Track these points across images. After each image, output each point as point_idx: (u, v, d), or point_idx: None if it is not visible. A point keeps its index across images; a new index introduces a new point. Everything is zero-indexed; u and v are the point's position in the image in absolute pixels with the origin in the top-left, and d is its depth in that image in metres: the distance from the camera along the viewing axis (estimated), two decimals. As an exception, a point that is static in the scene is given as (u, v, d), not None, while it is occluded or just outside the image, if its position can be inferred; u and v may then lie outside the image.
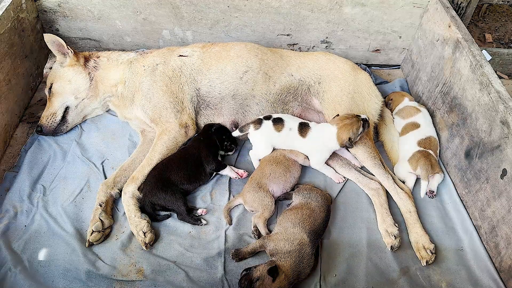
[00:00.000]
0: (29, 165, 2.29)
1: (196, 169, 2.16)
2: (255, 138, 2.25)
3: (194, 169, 2.16)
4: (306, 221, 1.88)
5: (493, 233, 1.92)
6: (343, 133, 2.11)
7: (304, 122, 2.27)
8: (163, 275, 1.84)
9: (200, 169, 2.17)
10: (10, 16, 2.46)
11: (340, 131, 2.12)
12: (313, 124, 2.26)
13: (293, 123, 2.24)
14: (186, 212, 2.03)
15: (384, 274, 1.89)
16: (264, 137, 2.22)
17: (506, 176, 1.85)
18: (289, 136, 2.21)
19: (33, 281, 1.78)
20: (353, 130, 2.11)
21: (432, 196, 2.20)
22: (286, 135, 2.21)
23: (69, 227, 2.00)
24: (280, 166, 2.15)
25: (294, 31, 2.95)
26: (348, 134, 2.10)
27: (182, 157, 2.19)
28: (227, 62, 2.40)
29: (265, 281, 1.65)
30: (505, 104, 1.90)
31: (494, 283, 1.85)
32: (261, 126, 2.21)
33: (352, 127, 2.11)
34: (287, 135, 2.21)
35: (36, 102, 2.76)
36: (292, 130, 2.22)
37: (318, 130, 2.21)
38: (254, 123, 2.24)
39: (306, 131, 2.21)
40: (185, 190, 2.14)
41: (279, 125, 2.21)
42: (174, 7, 2.81)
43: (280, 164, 2.16)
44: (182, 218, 2.05)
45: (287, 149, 2.25)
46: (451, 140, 2.31)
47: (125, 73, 2.42)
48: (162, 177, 2.09)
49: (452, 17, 2.49)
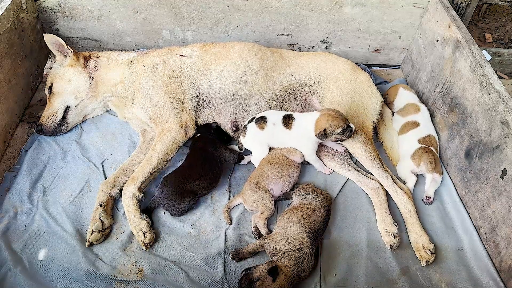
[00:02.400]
0: (29, 165, 2.29)
1: (217, 169, 2.16)
2: (247, 145, 2.27)
3: (215, 170, 2.15)
4: (306, 221, 1.88)
5: (493, 233, 1.92)
6: (322, 121, 2.06)
7: (288, 114, 2.23)
8: (163, 275, 1.84)
9: (219, 168, 2.17)
10: (10, 16, 2.46)
11: (320, 118, 2.07)
12: (297, 114, 2.23)
13: (276, 117, 2.22)
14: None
15: (384, 274, 1.89)
16: (253, 140, 2.22)
17: (506, 176, 1.85)
18: (275, 131, 2.19)
19: (33, 281, 1.78)
20: (333, 124, 2.03)
21: (429, 202, 2.19)
22: (271, 130, 2.19)
23: (69, 227, 2.00)
24: (278, 166, 2.15)
25: (294, 31, 2.95)
26: (325, 124, 2.03)
27: (203, 161, 2.14)
28: (227, 62, 2.40)
29: (265, 281, 1.65)
30: (505, 104, 1.90)
31: (494, 283, 1.85)
32: (246, 131, 2.23)
33: (333, 120, 2.03)
34: (272, 130, 2.19)
35: (36, 102, 2.77)
36: (276, 124, 2.20)
37: (302, 118, 2.18)
38: (242, 133, 2.27)
39: (291, 123, 2.19)
40: (202, 195, 2.15)
41: (261, 123, 2.20)
42: (174, 7, 2.81)
43: (279, 164, 2.16)
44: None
45: (284, 149, 2.25)
46: (451, 140, 2.31)
47: (125, 73, 2.42)
48: (182, 188, 2.04)
49: (452, 17, 2.49)
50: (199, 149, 2.20)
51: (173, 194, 2.02)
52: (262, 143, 2.23)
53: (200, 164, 2.13)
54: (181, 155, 2.40)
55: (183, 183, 2.05)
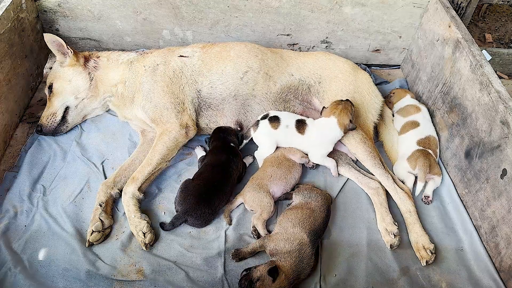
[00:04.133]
0: (29, 165, 2.29)
1: (233, 181, 2.15)
2: (257, 139, 2.31)
3: (233, 182, 2.14)
4: (306, 221, 1.88)
5: (493, 233, 1.92)
6: (343, 118, 2.18)
7: (300, 119, 2.29)
8: (163, 275, 1.84)
9: (234, 180, 2.16)
10: (10, 16, 2.46)
11: (340, 118, 2.18)
12: (309, 121, 2.29)
13: (289, 120, 2.27)
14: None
15: (384, 274, 1.89)
16: (264, 136, 2.26)
17: (506, 176, 1.85)
18: (287, 133, 2.24)
19: (33, 281, 1.78)
20: (350, 111, 2.20)
21: (428, 202, 2.19)
22: (284, 132, 2.24)
23: (69, 227, 2.00)
24: (281, 167, 2.16)
25: (294, 31, 2.95)
26: (348, 117, 2.18)
27: (224, 174, 2.10)
28: (227, 62, 2.40)
29: (265, 282, 1.65)
30: (505, 104, 1.90)
31: (494, 283, 1.85)
32: (258, 126, 2.27)
33: (347, 110, 2.20)
34: (285, 132, 2.24)
35: (36, 102, 2.76)
36: (289, 127, 2.25)
37: (316, 126, 2.24)
38: (253, 126, 2.31)
39: (304, 129, 2.24)
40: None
41: (275, 123, 2.25)
42: (174, 7, 2.80)
43: (282, 166, 2.17)
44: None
45: (286, 149, 2.26)
46: (451, 140, 2.31)
47: (125, 73, 2.42)
48: (212, 205, 2.01)
49: (452, 17, 2.49)
50: (226, 164, 2.14)
51: (210, 214, 2.00)
52: (272, 141, 2.26)
53: (223, 177, 2.09)
54: (181, 155, 2.41)
55: (213, 200, 2.01)
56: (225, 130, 2.33)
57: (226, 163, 2.13)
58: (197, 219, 1.98)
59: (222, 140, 2.27)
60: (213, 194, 2.02)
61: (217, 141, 2.27)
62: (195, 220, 1.98)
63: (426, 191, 2.21)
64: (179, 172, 2.31)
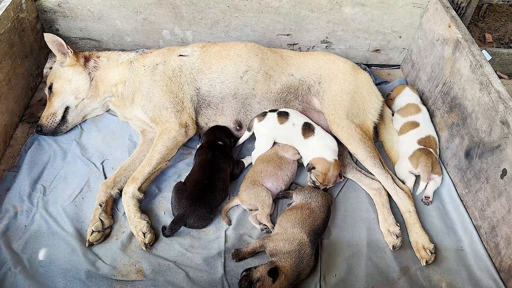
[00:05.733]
0: (29, 165, 2.29)
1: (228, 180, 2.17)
2: (258, 130, 2.28)
3: (228, 181, 2.17)
4: (306, 222, 1.88)
5: (493, 233, 1.92)
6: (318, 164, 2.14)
7: (309, 123, 2.28)
8: (163, 275, 1.84)
9: (228, 178, 2.18)
10: (10, 16, 2.46)
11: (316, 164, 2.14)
12: (318, 130, 2.26)
13: (297, 120, 2.27)
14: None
15: (384, 274, 1.89)
16: (266, 128, 2.25)
17: (506, 176, 1.85)
18: (291, 131, 2.24)
19: (33, 281, 1.78)
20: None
21: (428, 203, 2.19)
22: (288, 129, 2.24)
23: (69, 227, 2.00)
24: (270, 164, 2.16)
25: (294, 31, 2.95)
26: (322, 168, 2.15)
27: (219, 174, 2.12)
28: (227, 61, 2.40)
29: (265, 282, 1.65)
30: (505, 104, 1.90)
31: (494, 283, 1.85)
32: (265, 117, 2.26)
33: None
34: (289, 129, 2.24)
35: (36, 102, 2.76)
36: (295, 126, 2.25)
37: (323, 138, 2.23)
38: (258, 116, 2.30)
39: (309, 135, 2.23)
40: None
41: (283, 117, 2.25)
42: (174, 7, 2.81)
43: (271, 162, 2.17)
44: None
45: (279, 146, 2.27)
46: (451, 140, 2.31)
47: (125, 73, 2.42)
48: (211, 205, 2.03)
49: (452, 17, 2.49)
50: (212, 161, 2.15)
51: (207, 213, 2.01)
52: (271, 136, 2.26)
53: (212, 174, 2.10)
54: (181, 155, 2.41)
55: (207, 198, 2.02)
56: (219, 129, 2.35)
57: (212, 160, 2.15)
58: (196, 220, 1.98)
59: (211, 137, 2.29)
60: (206, 193, 2.03)
61: (206, 138, 2.30)
62: (194, 222, 1.98)
63: (427, 191, 2.21)
64: (179, 172, 2.31)
